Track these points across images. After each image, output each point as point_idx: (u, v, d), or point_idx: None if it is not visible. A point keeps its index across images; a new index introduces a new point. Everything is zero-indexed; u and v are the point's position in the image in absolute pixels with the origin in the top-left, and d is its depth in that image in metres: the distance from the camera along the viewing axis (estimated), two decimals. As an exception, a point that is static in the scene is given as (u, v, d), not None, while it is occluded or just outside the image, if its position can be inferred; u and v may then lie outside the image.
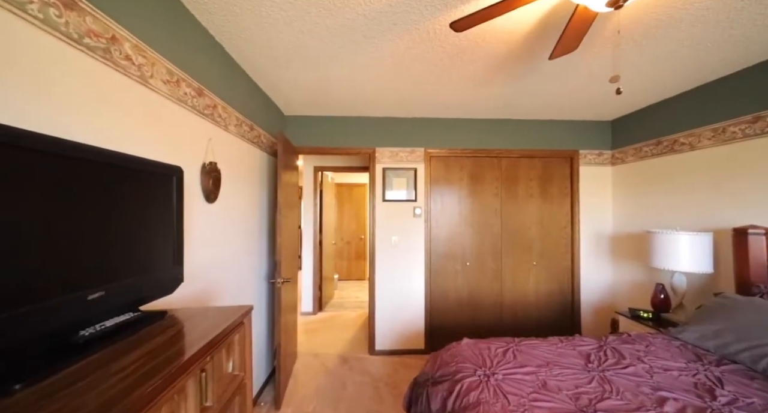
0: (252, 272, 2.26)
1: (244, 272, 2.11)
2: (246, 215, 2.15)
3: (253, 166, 2.26)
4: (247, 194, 2.17)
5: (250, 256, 2.22)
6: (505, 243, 3.13)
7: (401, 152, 3.10)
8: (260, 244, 2.40)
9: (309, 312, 4.28)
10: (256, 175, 2.33)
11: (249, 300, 2.19)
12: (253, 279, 2.27)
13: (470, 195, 3.14)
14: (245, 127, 2.09)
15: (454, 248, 3.12)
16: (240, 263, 2.05)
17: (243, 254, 2.09)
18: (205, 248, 1.59)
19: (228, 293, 1.86)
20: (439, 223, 3.12)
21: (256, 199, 2.33)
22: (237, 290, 2.00)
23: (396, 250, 3.08)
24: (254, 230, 2.29)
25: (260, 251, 2.40)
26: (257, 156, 2.34)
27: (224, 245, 1.81)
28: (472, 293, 3.11)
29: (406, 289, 3.07)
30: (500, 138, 3.13)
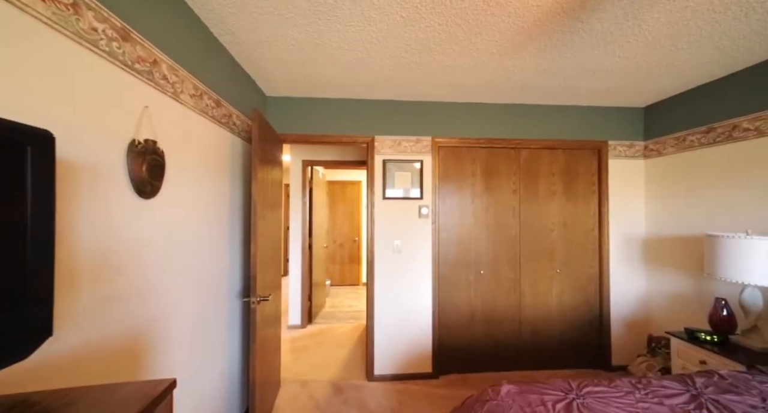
0: (221, 288, 1.77)
1: (208, 291, 1.62)
2: (211, 217, 1.66)
3: (222, 154, 1.78)
4: (213, 190, 1.68)
5: (218, 270, 1.74)
6: (524, 248, 2.70)
7: (405, 142, 2.64)
8: (232, 253, 1.91)
9: (297, 326, 3.79)
10: (227, 165, 1.84)
11: (215, 327, 1.70)
12: (222, 298, 1.78)
13: (484, 192, 2.70)
14: (208, 100, 1.60)
15: (466, 254, 2.68)
16: (203, 281, 1.56)
17: (206, 267, 1.61)
18: (136, 267, 1.11)
19: (180, 325, 1.37)
20: (448, 225, 2.68)
21: (227, 196, 1.84)
22: (197, 318, 1.51)
23: (398, 256, 2.62)
24: (223, 237, 1.80)
25: (233, 263, 1.91)
26: (228, 142, 1.85)
27: (172, 258, 1.32)
28: (486, 306, 2.67)
29: (410, 302, 2.61)
30: (519, 126, 2.70)
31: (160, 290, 1.24)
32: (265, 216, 1.95)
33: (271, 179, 2.16)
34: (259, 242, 1.80)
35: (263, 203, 1.91)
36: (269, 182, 2.10)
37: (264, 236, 1.93)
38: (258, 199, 1.76)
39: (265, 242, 1.97)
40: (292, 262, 3.86)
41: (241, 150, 2.04)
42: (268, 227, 2.03)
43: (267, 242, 2.01)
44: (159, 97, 1.22)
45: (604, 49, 1.81)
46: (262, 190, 1.88)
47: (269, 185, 2.10)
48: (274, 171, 2.23)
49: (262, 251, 1.88)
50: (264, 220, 1.93)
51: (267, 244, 2.01)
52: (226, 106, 1.80)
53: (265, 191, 1.98)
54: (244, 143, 2.07)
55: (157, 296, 1.22)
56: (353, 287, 5.96)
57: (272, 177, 2.19)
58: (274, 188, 2.24)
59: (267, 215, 2.01)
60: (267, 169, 2.03)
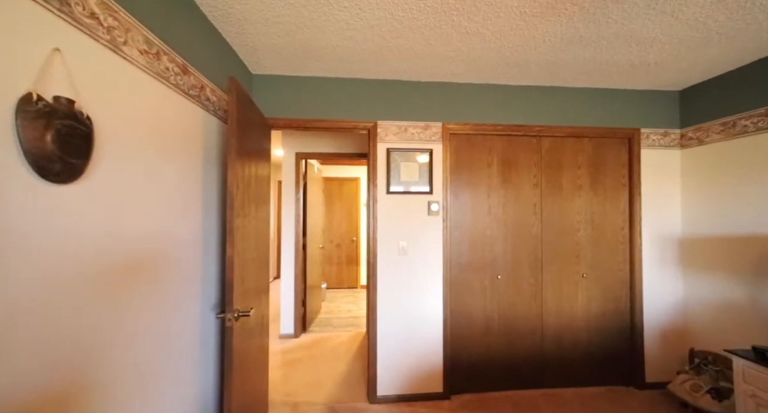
0: (192, 300, 1.43)
1: (173, 305, 1.28)
2: (176, 214, 1.32)
3: (192, 135, 1.43)
4: (177, 179, 1.33)
5: (187, 279, 1.39)
6: (547, 249, 2.38)
7: (412, 128, 2.31)
8: (206, 257, 1.57)
9: (290, 335, 3.44)
10: (198, 150, 1.50)
11: (184, 348, 1.35)
12: (191, 314, 1.43)
13: (502, 186, 2.38)
14: (169, 63, 1.25)
15: (481, 256, 2.35)
16: (165, 294, 1.22)
17: (170, 276, 1.26)
18: (37, 287, 0.76)
19: (126, 356, 1.03)
20: (461, 223, 2.35)
21: (198, 188, 1.50)
22: (156, 342, 1.16)
23: (404, 258, 2.28)
24: (195, 238, 1.46)
25: (206, 269, 1.56)
26: (200, 121, 1.50)
27: (112, 269, 0.98)
28: (504, 315, 2.35)
29: (417, 310, 2.28)
30: (541, 111, 2.38)
31: (89, 315, 0.89)
32: (247, 212, 1.61)
33: (257, 170, 1.82)
34: (238, 243, 1.46)
35: (245, 196, 1.57)
36: (254, 173, 1.76)
37: (246, 236, 1.59)
38: (236, 191, 1.41)
39: (248, 243, 1.63)
40: (284, 264, 3.51)
41: (218, 133, 1.69)
42: (251, 225, 1.69)
43: (250, 243, 1.67)
44: (84, 42, 0.87)
45: (663, 7, 1.49)
46: (243, 181, 1.54)
47: (254, 177, 1.76)
48: (260, 161, 1.89)
49: (243, 255, 1.54)
50: (245, 217, 1.59)
51: (250, 245, 1.67)
52: (196, 75, 1.45)
53: (248, 182, 1.64)
54: (222, 125, 1.72)
55: (84, 321, 0.88)
56: (351, 291, 5.63)
57: (258, 168, 1.84)
58: (260, 181, 1.89)
59: (250, 211, 1.67)
60: (251, 156, 1.68)
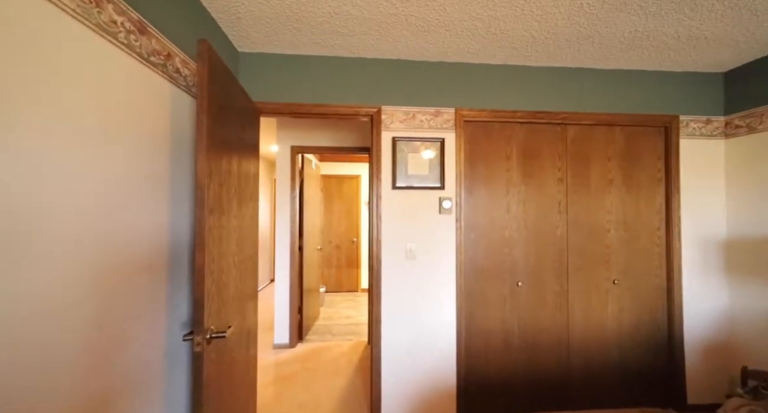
0: (151, 317, 1.15)
1: (127, 327, 1.00)
2: (127, 210, 1.03)
3: (153, 113, 1.15)
4: (131, 164, 1.05)
5: (146, 289, 1.11)
6: (573, 253, 2.10)
7: (421, 114, 2.03)
8: (177, 264, 1.28)
9: (284, 345, 3.16)
10: (165, 133, 1.21)
11: (143, 382, 1.07)
12: (153, 337, 1.15)
13: (522, 181, 2.09)
14: (115, 14, 0.97)
15: (499, 260, 2.07)
16: (110, 314, 0.94)
17: (116, 282, 0.98)
18: None
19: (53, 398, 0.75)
20: (476, 223, 2.07)
21: (165, 179, 1.22)
22: (88, 372, 0.88)
23: (412, 263, 2.00)
24: (158, 238, 1.17)
25: (174, 278, 1.28)
26: (166, 97, 1.22)
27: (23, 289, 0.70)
28: (525, 328, 2.07)
29: (427, 323, 2.00)
30: (566, 96, 2.10)
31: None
32: (226, 210, 1.33)
33: (241, 161, 1.54)
34: (213, 247, 1.18)
35: (223, 190, 1.29)
36: (237, 164, 1.48)
37: (225, 238, 1.30)
38: (207, 183, 1.13)
39: (228, 246, 1.35)
40: (278, 267, 3.23)
41: (192, 115, 1.41)
42: (232, 225, 1.40)
43: (230, 246, 1.39)
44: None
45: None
46: (220, 172, 1.26)
47: (237, 168, 1.47)
48: (245, 151, 1.61)
49: (221, 260, 1.26)
50: (224, 215, 1.30)
51: (230, 249, 1.38)
52: (159, 38, 1.17)
53: (228, 174, 1.36)
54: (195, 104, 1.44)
55: None
56: (351, 295, 5.35)
57: (243, 159, 1.56)
58: (246, 174, 1.61)
59: (231, 208, 1.39)
60: (232, 144, 1.40)
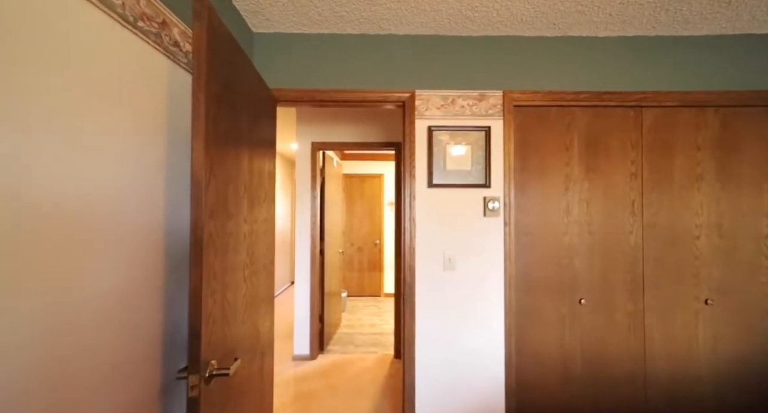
0: (148, 349, 0.91)
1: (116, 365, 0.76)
2: (115, 209, 0.80)
3: (144, 92, 0.91)
4: (116, 152, 0.82)
5: (134, 304, 0.87)
6: (650, 265, 1.71)
7: (462, 99, 1.72)
8: (175, 276, 1.05)
9: (305, 356, 2.93)
10: (161, 116, 0.98)
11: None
12: (144, 372, 0.91)
13: (585, 176, 1.73)
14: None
15: (557, 272, 1.72)
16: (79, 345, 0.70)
17: (111, 309, 0.74)
18: None
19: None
20: (529, 227, 1.73)
21: (161, 171, 0.98)
22: None
23: (452, 276, 1.70)
24: (158, 247, 0.94)
25: (176, 293, 1.05)
26: (162, 73, 0.99)
27: None
28: (590, 355, 1.71)
29: (469, 347, 1.68)
30: (642, 72, 1.72)
31: None
32: (235, 212, 1.08)
33: (254, 155, 1.29)
34: (215, 259, 0.93)
35: (230, 188, 1.04)
36: (248, 158, 1.23)
37: (233, 245, 1.05)
38: (205, 177, 0.88)
39: (237, 255, 1.10)
40: (298, 272, 3.01)
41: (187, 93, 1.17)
42: (241, 230, 1.16)
43: (240, 254, 1.14)
44: None
45: None
46: (224, 165, 1.01)
47: (248, 163, 1.23)
48: (259, 143, 1.37)
49: (226, 276, 1.01)
50: (230, 219, 1.05)
51: (240, 258, 1.14)
52: (155, 3, 0.93)
53: (237, 169, 1.11)
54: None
55: None
56: (374, 299, 5.08)
57: (257, 152, 1.32)
58: (259, 171, 1.37)
59: (240, 210, 1.14)
60: (241, 133, 1.16)
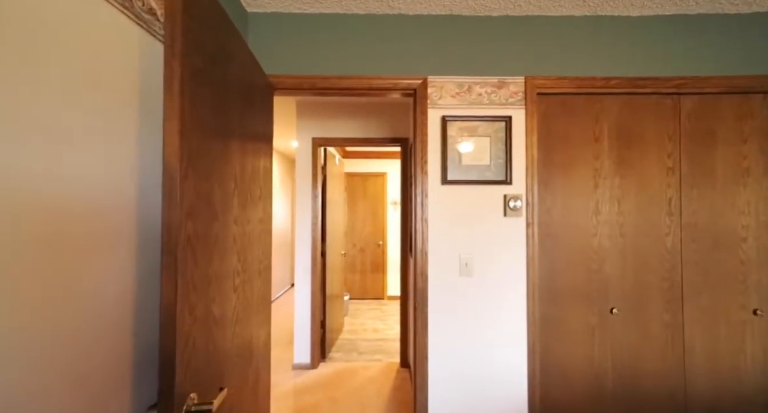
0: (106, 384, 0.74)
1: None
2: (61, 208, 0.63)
3: (112, 66, 0.74)
4: (84, 138, 0.65)
5: (103, 319, 0.70)
6: (690, 270, 1.54)
7: (479, 86, 1.55)
8: (145, 293, 0.88)
9: (305, 365, 2.76)
10: (133, 93, 0.81)
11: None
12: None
13: (617, 171, 1.56)
14: None
15: (586, 278, 1.55)
16: None
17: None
18: None
19: None
20: (554, 227, 1.56)
21: (132, 160, 0.81)
22: None
23: (469, 282, 1.53)
24: (115, 252, 0.77)
25: (136, 320, 0.88)
26: (132, 45, 0.82)
27: None
28: (623, 370, 1.53)
29: (488, 361, 1.51)
30: (681, 55, 1.54)
31: None
32: (221, 212, 0.91)
33: (246, 148, 1.13)
34: (193, 271, 0.76)
35: (213, 184, 0.87)
36: (238, 150, 1.07)
37: (214, 254, 0.88)
38: (179, 166, 0.70)
39: (221, 266, 0.93)
40: (298, 276, 2.84)
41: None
42: (231, 234, 0.99)
43: (226, 264, 0.97)
44: None
45: None
46: (204, 153, 0.84)
47: (239, 156, 1.07)
48: (251, 134, 1.20)
49: (210, 289, 0.84)
50: (216, 220, 0.88)
51: (225, 269, 0.97)
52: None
53: (222, 160, 0.94)
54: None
55: None
56: (377, 302, 4.91)
57: (249, 145, 1.16)
58: (253, 166, 1.20)
59: (229, 210, 0.97)
60: (230, 120, 0.99)
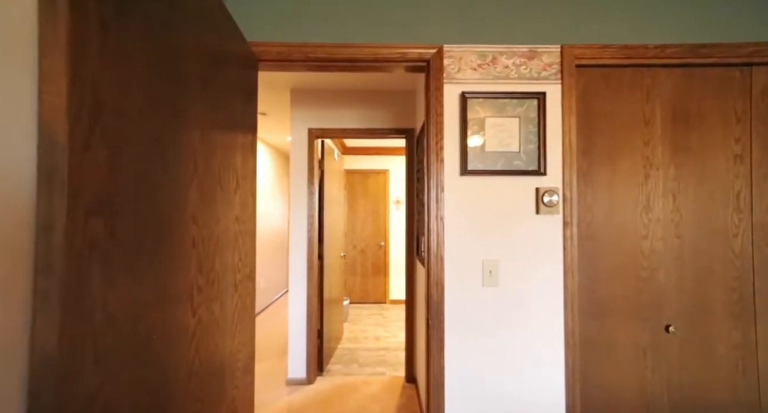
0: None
1: None
2: None
3: None
4: None
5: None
6: (764, 279, 1.27)
7: (505, 56, 1.28)
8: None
9: (300, 380, 2.49)
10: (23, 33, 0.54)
11: None
12: None
13: (671, 159, 1.29)
14: None
15: (634, 289, 1.28)
16: None
17: None
18: None
19: None
20: (594, 228, 1.29)
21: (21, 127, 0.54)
22: None
23: (494, 293, 1.26)
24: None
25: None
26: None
27: None
28: (682, 402, 1.26)
29: (517, 390, 1.24)
30: (752, 16, 1.27)
31: None
32: (166, 207, 0.65)
33: (213, 121, 0.86)
34: (100, 301, 0.49)
35: (151, 161, 0.60)
36: (196, 121, 0.80)
37: (151, 265, 0.61)
38: (67, 126, 0.43)
39: (165, 280, 0.66)
40: (293, 281, 2.57)
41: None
42: (187, 236, 0.72)
43: (175, 280, 0.70)
44: None
45: None
46: (130, 110, 0.57)
47: (197, 131, 0.80)
48: (223, 106, 0.94)
49: (138, 322, 0.57)
50: (156, 218, 0.62)
51: (171, 286, 0.70)
52: None
53: (170, 132, 0.68)
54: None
55: None
56: (379, 307, 4.64)
57: (217, 118, 0.89)
58: (223, 146, 0.94)
59: (182, 206, 0.71)
60: (184, 73, 0.72)
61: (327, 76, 2.33)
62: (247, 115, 1.18)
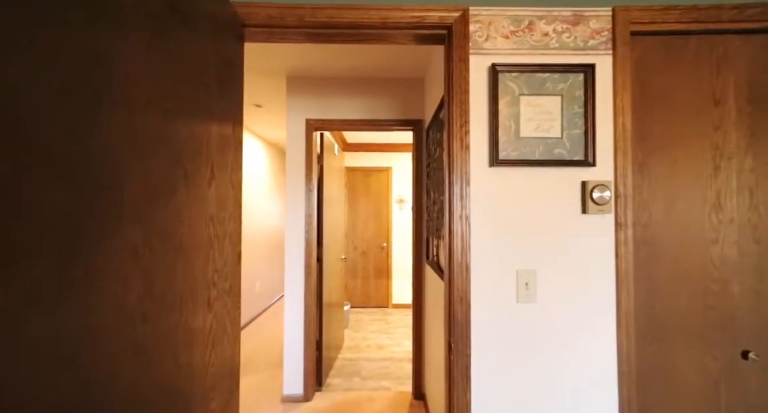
0: None
1: None
2: None
3: None
4: None
5: None
6: None
7: (544, 22, 1.04)
8: None
9: (297, 397, 2.26)
10: None
11: None
12: None
13: (747, 147, 1.05)
14: None
15: (702, 305, 1.04)
16: None
17: None
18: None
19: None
20: (651, 231, 1.05)
21: None
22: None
23: (529, 310, 1.02)
24: None
25: None
26: None
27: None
28: (763, 444, 1.03)
29: (559, 429, 1.01)
30: None
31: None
32: (100, 209, 0.41)
33: (165, 95, 0.63)
34: None
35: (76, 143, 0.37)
36: (145, 95, 0.57)
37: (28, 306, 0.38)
38: None
39: (53, 326, 0.43)
40: (289, 288, 2.34)
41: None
42: (125, 244, 0.48)
43: (92, 317, 0.47)
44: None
45: None
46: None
47: (146, 106, 0.57)
48: (191, 78, 0.71)
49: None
50: (59, 221, 0.38)
51: (102, 312, 0.46)
52: None
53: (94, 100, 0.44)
54: None
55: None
56: (381, 311, 4.41)
57: (179, 94, 0.66)
58: (191, 127, 0.72)
59: (128, 206, 0.47)
60: (124, 31, 0.49)
61: (326, 60, 2.10)
62: (228, 93, 0.95)
